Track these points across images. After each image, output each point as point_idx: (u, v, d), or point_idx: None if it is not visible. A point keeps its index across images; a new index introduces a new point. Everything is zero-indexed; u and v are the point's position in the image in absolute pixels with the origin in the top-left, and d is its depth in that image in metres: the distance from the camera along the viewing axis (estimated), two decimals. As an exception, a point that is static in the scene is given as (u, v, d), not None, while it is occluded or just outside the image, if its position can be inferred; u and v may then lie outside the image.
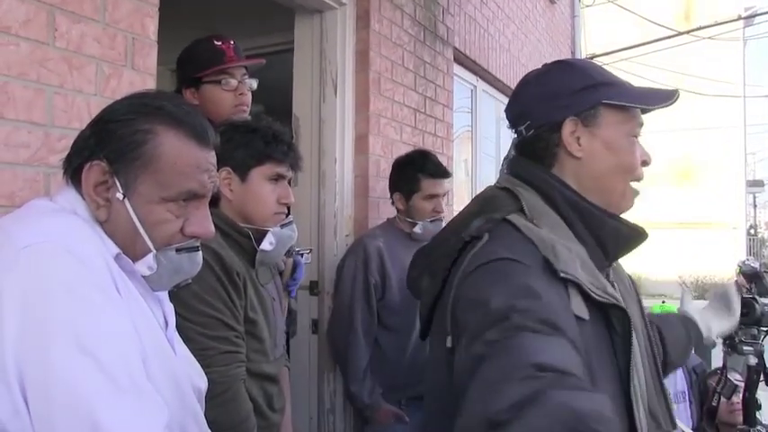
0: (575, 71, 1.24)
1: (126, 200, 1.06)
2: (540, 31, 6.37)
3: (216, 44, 2.14)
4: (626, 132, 1.21)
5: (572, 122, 1.19)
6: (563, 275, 1.05)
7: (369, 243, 2.70)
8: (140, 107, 1.10)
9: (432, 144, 3.73)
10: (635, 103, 1.21)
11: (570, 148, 1.20)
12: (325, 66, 3.05)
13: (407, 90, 3.48)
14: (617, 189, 1.22)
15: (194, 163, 1.10)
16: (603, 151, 1.20)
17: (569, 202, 1.19)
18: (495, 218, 1.16)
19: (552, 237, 1.12)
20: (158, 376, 1.04)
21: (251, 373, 1.78)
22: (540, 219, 1.16)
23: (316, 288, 2.94)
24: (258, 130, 1.87)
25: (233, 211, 1.85)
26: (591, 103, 1.19)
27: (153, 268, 1.09)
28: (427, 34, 3.75)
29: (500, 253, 1.07)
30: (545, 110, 1.22)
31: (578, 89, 1.20)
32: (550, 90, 1.23)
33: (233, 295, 1.73)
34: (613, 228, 1.20)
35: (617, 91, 1.21)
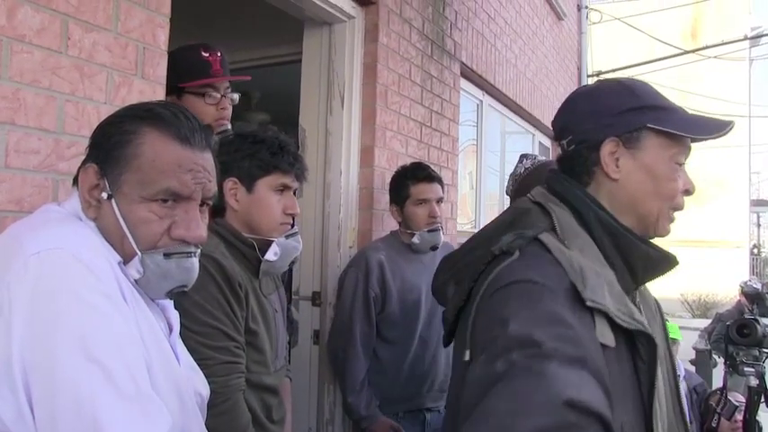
0: (624, 91, 1.22)
1: (112, 199, 1.08)
2: (547, 47, 6.39)
3: (203, 55, 2.11)
4: (669, 158, 1.19)
5: (612, 143, 1.18)
6: (590, 304, 1.03)
7: (370, 255, 2.71)
8: (131, 110, 1.13)
9: (437, 158, 3.74)
10: (682, 132, 1.18)
11: (607, 169, 1.18)
12: (332, 78, 3.06)
13: (414, 103, 3.49)
14: (652, 214, 1.19)
15: (175, 161, 1.10)
16: (642, 175, 1.18)
17: (602, 222, 1.17)
18: (527, 235, 1.14)
19: (582, 261, 1.10)
20: (162, 383, 1.05)
21: (251, 384, 1.78)
22: (572, 239, 1.15)
23: (318, 299, 2.95)
24: (265, 140, 1.88)
25: (238, 221, 1.86)
26: (635, 126, 1.18)
27: (140, 272, 1.09)
28: (435, 48, 3.77)
29: (529, 275, 1.05)
30: (588, 127, 1.21)
31: (624, 110, 1.19)
32: (596, 107, 1.22)
33: (234, 305, 1.74)
34: (644, 252, 1.18)
35: (665, 116, 1.19)
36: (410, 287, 2.73)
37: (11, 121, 1.50)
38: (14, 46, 1.50)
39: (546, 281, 1.04)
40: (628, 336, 1.08)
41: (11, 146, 1.50)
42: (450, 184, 3.93)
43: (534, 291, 1.02)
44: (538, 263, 1.09)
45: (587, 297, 1.03)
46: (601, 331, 1.03)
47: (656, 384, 1.09)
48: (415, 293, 2.73)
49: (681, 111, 1.21)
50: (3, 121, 1.49)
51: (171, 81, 2.01)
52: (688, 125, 1.18)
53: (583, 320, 1.02)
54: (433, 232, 2.74)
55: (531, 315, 0.98)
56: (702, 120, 1.21)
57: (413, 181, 2.75)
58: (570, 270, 1.06)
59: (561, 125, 1.27)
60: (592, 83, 1.32)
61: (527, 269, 1.07)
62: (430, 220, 2.73)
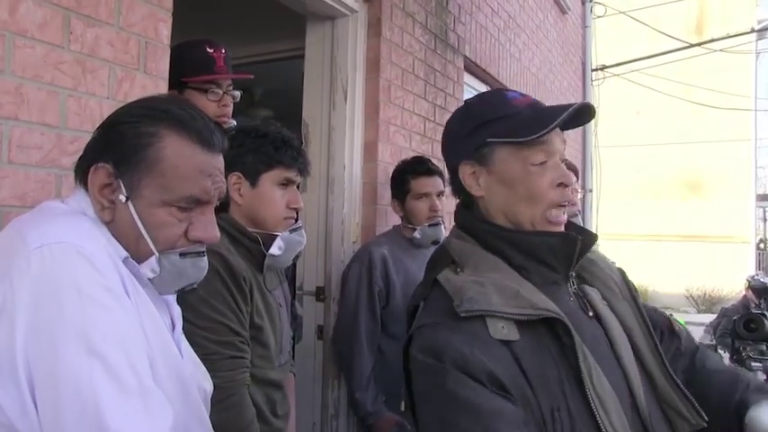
0: (467, 113, 1.29)
1: (129, 202, 1.07)
2: (551, 41, 6.37)
3: (208, 51, 2.10)
4: (523, 161, 1.20)
5: (467, 165, 1.24)
6: (463, 314, 1.10)
7: (374, 250, 2.71)
8: (146, 110, 1.11)
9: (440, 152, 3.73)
10: (512, 138, 1.20)
11: (471, 190, 1.25)
12: (335, 73, 3.06)
13: (417, 98, 3.48)
14: (525, 218, 1.22)
15: (198, 168, 1.10)
16: (499, 186, 1.23)
17: (489, 233, 1.23)
18: (429, 281, 1.24)
19: (466, 279, 1.17)
20: (164, 378, 1.05)
21: (255, 379, 1.78)
22: (467, 262, 1.21)
23: (322, 294, 2.95)
24: (268, 135, 1.88)
25: (242, 216, 1.86)
26: (477, 144, 1.22)
27: (156, 271, 1.09)
28: (438, 42, 3.76)
29: (423, 320, 1.17)
30: (448, 157, 1.30)
31: (469, 131, 1.24)
32: (450, 136, 1.31)
33: (239, 300, 1.74)
34: (539, 242, 1.21)
35: (503, 126, 1.21)
36: (413, 281, 2.71)
37: (14, 117, 1.50)
38: (17, 41, 1.50)
39: (435, 317, 1.15)
40: (543, 324, 1.13)
41: (13, 141, 1.50)
42: (454, 179, 3.91)
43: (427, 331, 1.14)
44: (431, 304, 1.20)
45: (459, 310, 1.10)
46: (494, 330, 1.10)
47: (581, 365, 1.11)
48: None
49: (525, 110, 1.22)
50: (5, 116, 1.49)
51: (174, 75, 2.01)
52: (518, 129, 1.19)
53: (470, 329, 1.10)
54: (434, 227, 2.74)
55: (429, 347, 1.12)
56: (536, 117, 1.20)
57: (413, 175, 2.75)
58: (451, 293, 1.15)
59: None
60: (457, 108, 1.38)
61: (424, 316, 1.19)
62: (431, 213, 2.73)
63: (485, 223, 1.24)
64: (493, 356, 1.07)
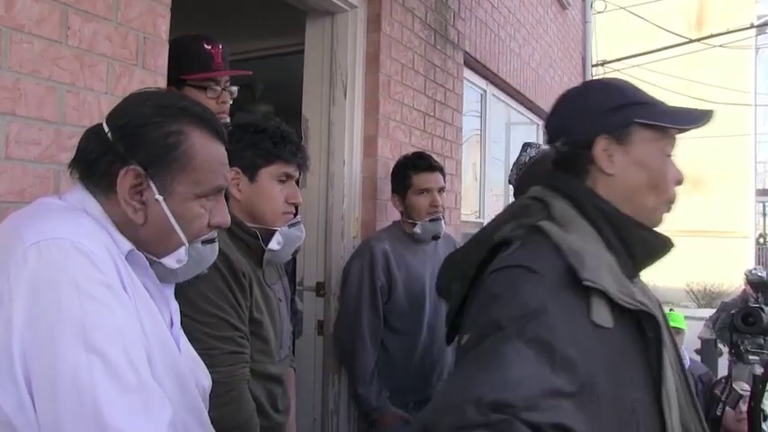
0: (610, 90, 1.27)
1: (161, 200, 1.09)
2: (551, 36, 6.36)
3: (206, 48, 2.06)
4: (658, 150, 1.24)
5: (604, 140, 1.22)
6: (587, 284, 1.06)
7: (375, 245, 2.70)
8: (165, 109, 1.12)
9: (440, 147, 3.73)
10: (667, 123, 1.23)
11: (602, 165, 1.23)
12: (335, 68, 3.05)
13: (417, 93, 3.48)
14: (647, 205, 1.24)
15: (219, 159, 1.16)
16: (635, 168, 1.23)
17: (600, 209, 1.21)
18: (526, 223, 1.21)
19: (581, 244, 1.14)
20: (163, 374, 1.05)
21: (255, 374, 1.78)
22: (570, 226, 1.19)
23: (322, 289, 2.95)
24: (267, 130, 1.88)
25: (241, 211, 1.86)
26: (624, 122, 1.22)
27: (183, 261, 1.14)
28: (438, 38, 3.75)
29: (521, 260, 1.11)
30: (579, 127, 1.25)
31: (612, 107, 1.23)
32: (585, 108, 1.27)
33: (238, 295, 1.74)
34: (642, 237, 1.22)
35: (650, 110, 1.24)
36: (415, 276, 2.73)
37: (11, 112, 1.50)
38: (14, 36, 1.50)
39: (536, 265, 1.09)
40: (632, 318, 1.12)
41: (11, 136, 1.50)
42: (454, 174, 3.92)
43: (517, 275, 1.08)
44: (535, 248, 1.14)
45: (585, 277, 1.06)
46: (597, 312, 1.07)
47: (663, 363, 1.12)
48: (419, 282, 2.73)
49: (662, 104, 1.27)
50: (3, 111, 1.48)
51: (171, 72, 2.00)
52: (673, 117, 1.24)
53: (571, 303, 1.06)
54: (434, 222, 2.74)
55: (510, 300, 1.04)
56: (684, 111, 1.26)
57: (414, 170, 2.75)
58: (569, 251, 1.11)
59: (554, 128, 1.32)
60: (579, 84, 1.36)
61: (522, 256, 1.13)
62: (431, 209, 2.73)
63: (596, 197, 1.22)
64: (583, 340, 1.04)
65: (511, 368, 0.95)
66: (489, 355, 0.97)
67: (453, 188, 3.88)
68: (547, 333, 1.00)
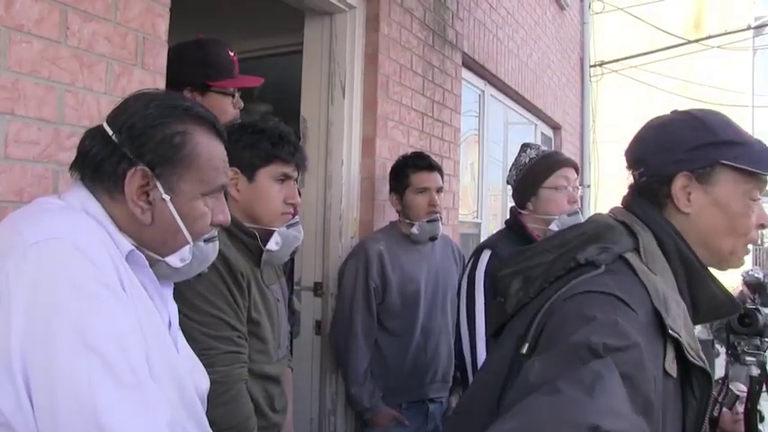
0: (697, 125, 1.22)
1: (168, 199, 1.11)
2: (549, 37, 6.36)
3: (230, 54, 2.09)
4: (742, 194, 1.19)
5: (685, 177, 1.19)
6: (672, 333, 1.04)
7: (370, 247, 2.72)
8: (170, 110, 1.13)
9: (439, 148, 3.74)
10: (757, 168, 1.18)
11: (678, 203, 1.19)
12: (333, 68, 3.05)
13: (415, 93, 3.48)
14: (724, 248, 1.21)
15: (221, 158, 1.19)
16: (714, 210, 1.19)
17: (681, 254, 1.18)
18: (614, 251, 1.15)
19: (665, 288, 1.11)
20: (161, 373, 1.05)
21: (253, 374, 1.78)
22: (654, 264, 1.15)
23: (320, 289, 2.95)
24: (265, 130, 1.88)
25: (239, 211, 1.86)
26: (708, 162, 1.18)
27: (186, 259, 1.16)
28: (436, 38, 3.75)
29: (613, 289, 1.05)
30: (660, 161, 1.22)
31: (698, 145, 1.19)
32: (669, 141, 1.22)
33: (236, 295, 1.74)
34: (712, 292, 1.19)
35: (739, 152, 1.18)
36: (409, 278, 2.73)
37: (10, 112, 1.50)
38: (13, 36, 1.50)
39: (629, 300, 1.04)
40: (686, 369, 1.09)
41: (10, 136, 1.50)
42: (452, 175, 3.92)
43: (613, 304, 1.02)
44: (623, 280, 1.09)
45: (669, 325, 1.04)
46: (669, 361, 1.05)
47: (704, 420, 1.10)
48: (414, 284, 2.74)
49: (757, 144, 1.21)
50: (2, 111, 1.48)
51: (197, 75, 2.01)
52: (763, 161, 1.18)
53: (653, 347, 1.02)
54: (432, 222, 2.74)
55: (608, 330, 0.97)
56: None
57: (413, 170, 2.75)
58: (654, 295, 1.07)
59: (634, 156, 1.28)
60: (664, 114, 1.29)
61: (612, 284, 1.07)
62: (429, 209, 2.73)
63: (681, 239, 1.19)
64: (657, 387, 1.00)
65: (616, 398, 0.89)
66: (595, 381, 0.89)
67: (451, 188, 3.89)
68: (638, 372, 0.95)
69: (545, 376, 0.92)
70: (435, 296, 2.79)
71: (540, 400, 0.87)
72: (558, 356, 0.95)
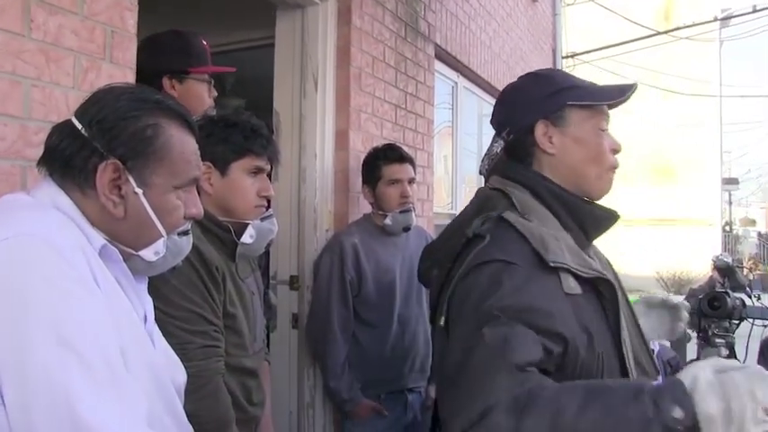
0: (541, 80, 1.45)
1: (141, 193, 1.10)
2: (521, 28, 6.40)
3: (204, 43, 2.15)
4: (592, 126, 1.39)
5: (543, 124, 1.38)
6: (552, 264, 1.22)
7: (344, 240, 2.73)
8: (141, 103, 1.13)
9: (412, 140, 3.74)
10: (595, 101, 1.39)
11: (544, 147, 1.38)
12: (306, 61, 3.05)
13: (388, 86, 3.49)
14: (591, 175, 1.39)
15: (193, 151, 1.18)
16: (573, 145, 1.38)
17: (553, 194, 1.37)
18: (493, 216, 1.33)
19: (542, 229, 1.29)
20: (137, 368, 1.04)
21: (230, 367, 1.79)
22: (531, 213, 1.33)
23: (296, 282, 2.95)
24: (237, 124, 1.88)
25: (213, 205, 1.85)
26: (557, 106, 1.38)
27: (161, 253, 1.15)
28: (408, 30, 3.76)
29: (495, 255, 1.24)
30: (520, 116, 1.41)
31: (546, 95, 1.39)
32: (522, 99, 1.44)
33: (212, 290, 1.74)
34: (589, 212, 1.39)
35: (579, 92, 1.39)
36: (384, 269, 2.75)
37: (-26, 107, 1.47)
38: (-26, 29, 1.47)
39: (511, 258, 1.23)
40: (592, 284, 1.28)
41: (-24, 132, 1.47)
42: (426, 166, 3.94)
43: (497, 269, 1.22)
44: (504, 242, 1.27)
45: (549, 259, 1.23)
46: (567, 285, 1.24)
47: (620, 318, 1.29)
48: (389, 275, 2.75)
49: (590, 85, 1.43)
50: (-34, 106, 1.46)
51: (175, 63, 2.06)
52: (600, 95, 1.40)
53: (548, 281, 1.23)
54: (405, 213, 2.76)
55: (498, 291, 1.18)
56: (610, 87, 1.42)
57: (385, 161, 2.77)
58: (532, 239, 1.25)
59: (499, 121, 1.49)
60: (515, 80, 1.50)
61: (494, 251, 1.25)
62: (402, 200, 2.75)
63: (546, 180, 1.38)
64: (561, 310, 1.20)
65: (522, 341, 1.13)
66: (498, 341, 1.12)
67: (425, 180, 3.90)
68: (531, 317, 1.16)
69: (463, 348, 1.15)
70: (411, 287, 2.81)
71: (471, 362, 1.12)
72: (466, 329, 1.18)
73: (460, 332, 1.20)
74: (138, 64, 1.98)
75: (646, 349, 1.43)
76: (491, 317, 1.14)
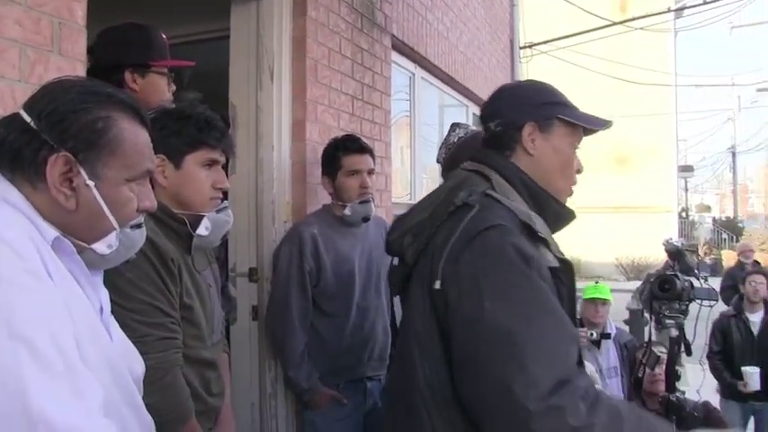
0: (542, 89, 1.59)
1: (93, 185, 1.09)
2: (478, 19, 6.45)
3: (164, 37, 2.17)
4: (570, 144, 1.55)
5: (531, 126, 1.51)
6: (541, 235, 1.37)
7: (303, 230, 2.74)
8: (91, 95, 1.12)
9: (369, 131, 3.76)
10: (581, 123, 1.55)
11: (526, 146, 1.51)
12: (261, 53, 3.04)
13: (345, 77, 3.50)
14: (557, 185, 1.55)
15: (147, 144, 1.19)
16: (552, 153, 1.53)
17: (524, 184, 1.50)
18: (479, 191, 1.44)
19: (524, 208, 1.43)
20: (93, 360, 1.04)
21: (188, 359, 1.79)
22: (508, 195, 1.45)
23: (255, 275, 2.95)
24: (191, 116, 1.88)
25: (167, 198, 1.85)
26: (549, 115, 1.52)
27: (113, 246, 1.15)
28: (365, 22, 3.77)
29: (496, 220, 1.35)
30: (513, 113, 1.54)
31: (542, 103, 1.54)
32: (520, 99, 1.58)
33: (168, 282, 1.75)
34: (555, 209, 1.53)
35: (570, 111, 1.55)
36: (344, 259, 2.76)
37: None
38: None
39: (507, 223, 1.35)
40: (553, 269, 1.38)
41: None
42: (384, 157, 3.96)
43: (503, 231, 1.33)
44: (496, 211, 1.39)
45: (538, 230, 1.37)
46: (547, 257, 1.37)
47: (575, 305, 1.46)
48: (348, 265, 2.77)
49: (577, 109, 1.58)
50: None
51: (139, 57, 2.07)
52: (585, 119, 1.55)
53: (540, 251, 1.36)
54: (364, 204, 2.78)
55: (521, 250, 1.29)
56: (593, 116, 1.58)
57: (344, 152, 2.78)
58: (520, 213, 1.39)
59: (491, 111, 1.60)
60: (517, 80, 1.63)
61: (492, 217, 1.36)
62: (361, 190, 2.77)
63: (521, 172, 1.50)
64: None
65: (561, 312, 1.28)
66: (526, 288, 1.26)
67: (383, 170, 3.92)
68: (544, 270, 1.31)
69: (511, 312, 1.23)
70: (369, 277, 2.83)
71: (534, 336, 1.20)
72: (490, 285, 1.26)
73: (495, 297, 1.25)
74: (97, 57, 1.97)
75: None
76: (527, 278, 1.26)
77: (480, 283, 1.27)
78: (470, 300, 1.27)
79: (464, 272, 1.31)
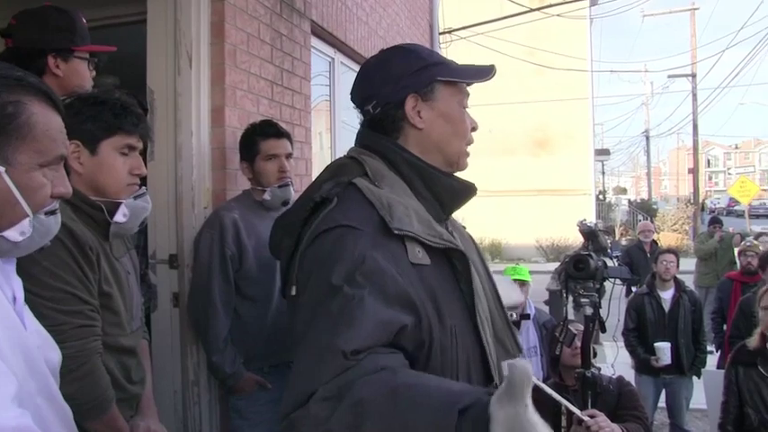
0: (410, 54, 1.43)
1: (5, 171, 1.08)
2: (398, 4, 6.49)
3: (84, 21, 2.14)
4: (457, 103, 1.43)
5: (413, 99, 1.39)
6: (397, 232, 1.24)
7: (224, 215, 2.74)
8: (1, 80, 1.11)
9: (289, 116, 3.77)
10: (463, 79, 1.43)
11: (413, 121, 1.39)
12: (179, 38, 3.00)
13: (264, 62, 3.49)
14: (454, 151, 1.43)
15: (60, 129, 1.17)
16: (440, 120, 1.41)
17: (408, 162, 1.38)
18: (343, 181, 1.34)
19: (390, 196, 1.30)
20: (7, 350, 1.04)
21: (107, 347, 1.79)
22: (382, 180, 1.35)
23: (175, 261, 2.93)
24: (107, 102, 1.86)
25: (83, 185, 1.83)
26: (428, 81, 1.39)
27: (27, 233, 1.13)
28: (284, 7, 3.76)
29: (340, 221, 1.25)
30: (389, 90, 1.40)
31: (415, 70, 1.40)
32: (392, 73, 1.41)
33: (86, 269, 1.73)
34: (448, 184, 1.41)
35: (447, 69, 1.42)
36: (265, 244, 2.73)
37: None
38: None
39: (355, 222, 1.24)
40: (445, 255, 1.31)
41: None
42: (304, 142, 3.98)
43: (342, 234, 1.23)
44: (350, 207, 1.29)
45: (394, 227, 1.24)
46: (413, 254, 1.25)
47: (474, 290, 1.32)
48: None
49: (454, 63, 1.46)
50: None
51: (62, 42, 2.05)
52: (466, 73, 1.44)
53: (391, 248, 1.23)
54: (283, 188, 2.80)
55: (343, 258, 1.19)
56: (474, 68, 1.46)
57: (262, 137, 2.80)
58: (379, 205, 1.27)
59: (363, 95, 1.45)
60: (376, 54, 1.49)
61: (339, 216, 1.27)
62: (280, 174, 2.79)
63: (405, 152, 1.39)
64: (407, 278, 1.21)
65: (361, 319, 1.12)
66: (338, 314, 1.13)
67: (303, 155, 3.94)
68: (379, 279, 1.17)
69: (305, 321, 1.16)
70: (292, 260, 2.85)
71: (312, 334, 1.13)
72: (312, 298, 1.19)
73: (304, 303, 1.20)
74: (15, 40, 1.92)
75: (508, 326, 1.47)
76: (333, 287, 1.15)
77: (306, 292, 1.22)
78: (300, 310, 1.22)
79: (302, 278, 1.26)
